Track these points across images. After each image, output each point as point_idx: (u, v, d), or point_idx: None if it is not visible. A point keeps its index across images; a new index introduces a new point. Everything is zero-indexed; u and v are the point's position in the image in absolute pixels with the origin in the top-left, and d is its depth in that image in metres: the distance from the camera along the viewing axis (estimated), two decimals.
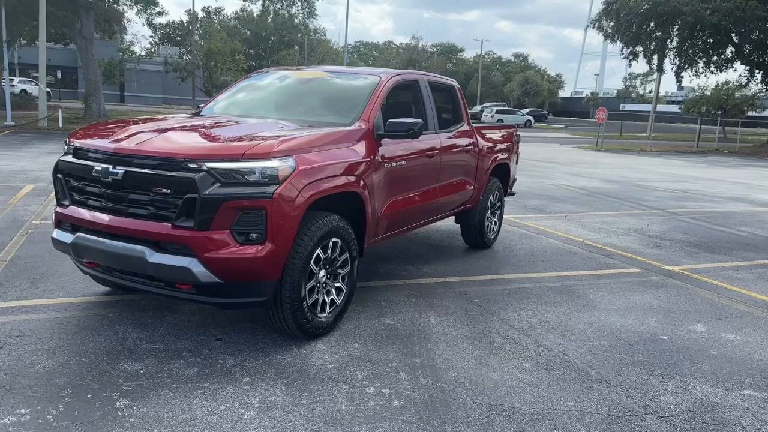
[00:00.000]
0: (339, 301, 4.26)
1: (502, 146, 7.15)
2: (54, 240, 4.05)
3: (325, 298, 4.13)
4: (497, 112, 51.39)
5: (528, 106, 70.43)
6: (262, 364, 3.66)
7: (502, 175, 7.33)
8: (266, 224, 3.54)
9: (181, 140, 3.83)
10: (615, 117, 51.16)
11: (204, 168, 3.48)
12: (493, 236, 7.16)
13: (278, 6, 26.29)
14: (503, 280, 5.84)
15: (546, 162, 19.66)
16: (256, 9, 42.61)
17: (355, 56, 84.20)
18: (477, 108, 58.02)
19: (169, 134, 3.93)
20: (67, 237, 3.92)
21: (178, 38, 60.62)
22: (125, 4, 32.70)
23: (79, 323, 4.14)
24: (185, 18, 60.80)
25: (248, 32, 58.15)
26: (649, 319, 4.90)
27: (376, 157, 4.56)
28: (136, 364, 3.57)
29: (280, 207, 3.56)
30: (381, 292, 5.19)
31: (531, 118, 53.14)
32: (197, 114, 5.32)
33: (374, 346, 4.05)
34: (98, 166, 3.70)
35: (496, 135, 7.10)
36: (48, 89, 45.59)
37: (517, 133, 7.80)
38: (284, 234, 3.62)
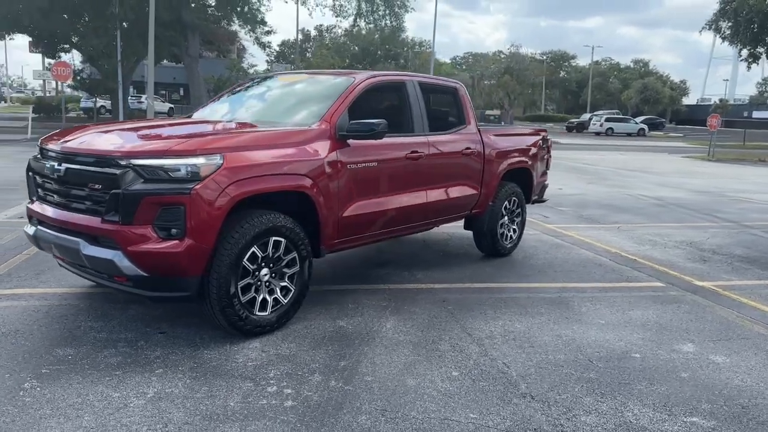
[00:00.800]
0: (285, 301, 4.26)
1: (520, 150, 6.82)
2: (25, 233, 4.40)
3: (267, 296, 4.14)
4: (607, 120, 49.02)
5: (647, 114, 66.43)
6: (184, 358, 3.74)
7: (523, 180, 6.99)
8: (185, 220, 3.62)
9: (119, 140, 4.03)
10: (742, 125, 47.15)
11: (129, 165, 3.64)
12: (509, 244, 6.83)
13: (368, 21, 26.85)
14: (496, 288, 5.56)
15: (637, 171, 18.49)
16: (364, 25, 43.98)
17: (463, 67, 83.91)
18: (586, 116, 55.66)
19: (114, 135, 4.15)
20: (31, 230, 4.25)
21: (292, 56, 63.56)
22: (236, 25, 35.00)
23: (48, 311, 4.45)
24: (300, 36, 63.86)
25: (356, 48, 59.93)
26: (632, 336, 4.46)
27: (336, 158, 4.52)
28: (70, 350, 3.78)
29: (199, 203, 3.64)
30: (356, 296, 5.12)
31: (645, 127, 50.13)
32: (179, 118, 5.57)
33: (309, 347, 4.00)
34: (48, 164, 3.99)
35: (511, 139, 6.80)
36: (171, 105, 49.84)
37: (545, 138, 7.42)
38: (205, 230, 3.69)
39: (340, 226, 4.65)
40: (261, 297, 4.11)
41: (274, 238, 4.09)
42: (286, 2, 52.68)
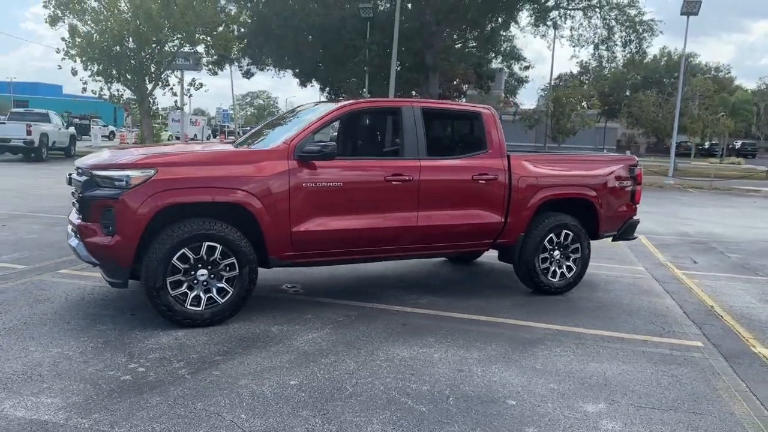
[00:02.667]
0: (221, 301, 4.81)
1: (575, 179, 6.24)
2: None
3: (201, 294, 4.75)
4: None
5: None
6: (118, 336, 4.52)
7: (583, 213, 6.35)
8: (115, 220, 4.48)
9: (106, 155, 5.07)
10: None
11: (91, 174, 4.65)
12: (560, 282, 6.24)
13: (604, 49, 25.25)
14: (476, 321, 5.26)
15: None
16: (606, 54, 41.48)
17: None
18: None
19: (112, 152, 5.22)
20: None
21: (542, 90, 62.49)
22: (499, 62, 36.27)
23: (38, 285, 5.67)
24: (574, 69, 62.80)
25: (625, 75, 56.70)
26: (545, 385, 3.94)
27: (290, 176, 4.94)
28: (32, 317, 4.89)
29: (125, 207, 4.45)
30: (330, 309, 5.38)
31: None
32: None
33: (214, 342, 4.45)
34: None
35: (559, 166, 6.27)
36: None
37: (630, 167, 6.60)
38: (130, 230, 4.48)
39: (293, 240, 5.02)
40: (194, 293, 4.72)
41: (207, 243, 4.69)
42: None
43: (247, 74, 38.37)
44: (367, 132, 5.99)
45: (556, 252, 6.23)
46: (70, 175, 5.16)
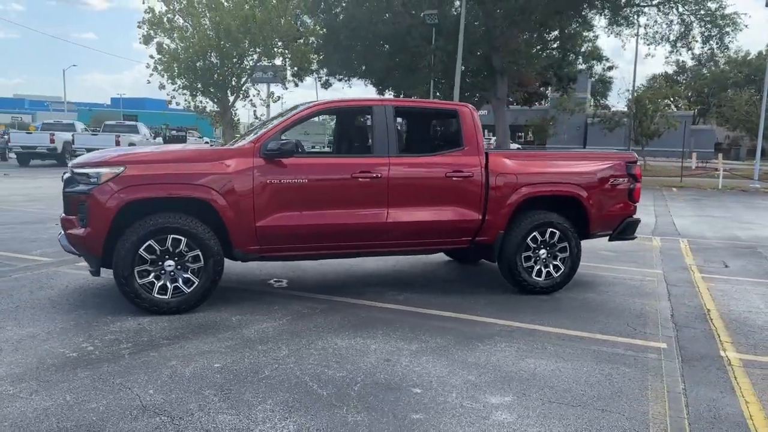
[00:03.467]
0: (187, 291, 5.12)
1: (560, 176, 6.10)
2: None
3: (168, 284, 5.09)
4: None
5: None
6: (90, 319, 4.92)
7: (572, 211, 6.19)
8: (87, 213, 4.91)
9: (91, 155, 5.53)
10: None
11: (73, 172, 5.12)
12: (546, 282, 6.10)
13: (681, 46, 23.67)
14: (439, 316, 5.27)
15: None
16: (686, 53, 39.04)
17: None
18: None
19: (100, 152, 5.68)
20: None
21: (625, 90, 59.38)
22: (579, 64, 35.32)
23: (50, 275, 6.21)
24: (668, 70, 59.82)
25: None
26: (462, 376, 3.93)
27: (254, 173, 5.20)
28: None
29: (95, 201, 4.87)
30: (299, 303, 5.57)
31: None
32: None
33: (169, 327, 4.74)
34: None
35: (542, 164, 6.14)
36: (518, 146, 52.35)
37: (627, 163, 6.37)
38: (99, 222, 4.88)
39: (259, 234, 5.26)
40: (161, 283, 5.07)
41: (172, 235, 5.02)
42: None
43: (326, 85, 39.53)
44: (338, 130, 6.14)
45: (542, 251, 6.10)
46: (64, 173, 5.68)
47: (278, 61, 32.50)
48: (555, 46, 35.85)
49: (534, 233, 6.03)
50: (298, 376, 3.86)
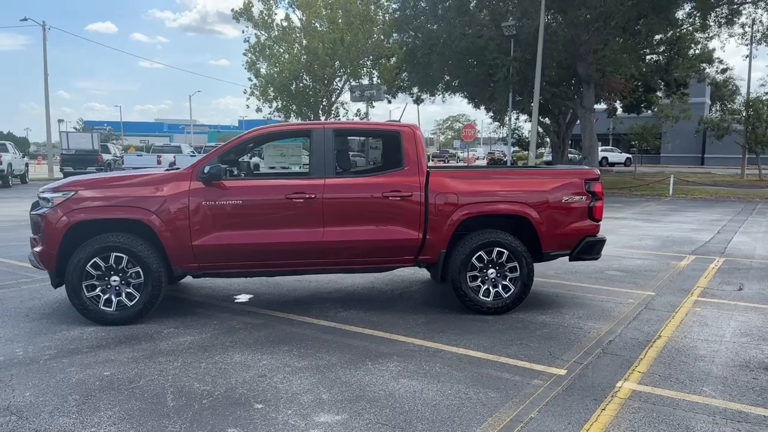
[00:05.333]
0: (130, 304, 5.62)
1: (507, 195, 5.97)
2: None
3: (113, 297, 5.61)
4: None
5: None
6: (47, 328, 5.55)
7: (522, 230, 6.04)
8: (42, 233, 5.55)
9: (59, 182, 6.20)
10: None
11: (38, 196, 5.81)
12: (496, 301, 5.97)
13: None
14: (358, 334, 5.35)
15: None
16: None
17: None
18: None
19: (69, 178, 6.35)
20: None
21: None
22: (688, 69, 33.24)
23: (49, 288, 6.92)
24: None
25: None
26: (318, 395, 4.04)
27: (189, 195, 5.61)
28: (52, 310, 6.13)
29: (47, 222, 5.50)
30: (240, 318, 5.90)
31: None
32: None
33: (103, 336, 5.26)
34: None
35: (486, 182, 6.03)
36: (629, 155, 49.60)
37: (586, 180, 6.11)
38: (51, 240, 5.50)
39: (196, 252, 5.66)
40: (107, 296, 5.60)
41: (115, 253, 5.55)
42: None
43: (418, 101, 40.04)
44: (274, 152, 6.40)
45: (491, 270, 5.99)
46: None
47: (365, 81, 33.49)
48: (661, 50, 33.94)
49: (479, 252, 5.94)
50: (164, 388, 4.14)
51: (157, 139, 72.01)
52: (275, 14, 31.47)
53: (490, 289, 6.00)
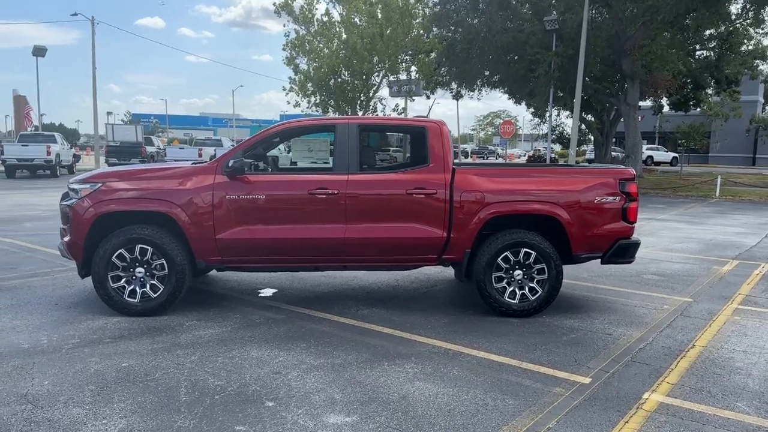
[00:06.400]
0: (154, 296, 5.66)
1: (537, 194, 5.78)
2: None
3: (137, 288, 5.66)
4: None
5: None
6: (74, 318, 5.64)
7: (551, 230, 5.86)
8: (71, 224, 5.64)
9: (90, 173, 6.28)
10: None
11: (68, 188, 5.90)
12: (522, 303, 5.79)
13: None
14: (378, 333, 5.27)
15: None
16: None
17: None
18: None
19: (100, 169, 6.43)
20: None
21: None
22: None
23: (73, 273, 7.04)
24: None
25: None
26: (331, 395, 3.97)
27: (214, 189, 5.62)
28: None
29: (74, 213, 5.58)
30: (261, 313, 5.88)
31: None
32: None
33: (127, 327, 5.31)
34: None
35: (515, 181, 5.85)
36: (676, 154, 48.14)
37: (620, 181, 5.87)
38: (77, 231, 5.58)
39: (219, 246, 5.66)
40: (131, 287, 5.65)
41: (140, 245, 5.59)
42: None
43: (457, 96, 39.68)
44: (302, 147, 6.35)
45: (517, 271, 5.82)
46: None
47: (403, 76, 33.33)
48: (712, 46, 32.73)
49: (506, 253, 5.78)
50: (179, 381, 4.14)
51: (201, 132, 73.38)
52: (316, 9, 31.52)
53: (516, 291, 5.84)
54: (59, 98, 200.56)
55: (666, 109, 39.83)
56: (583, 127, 36.66)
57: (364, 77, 33.48)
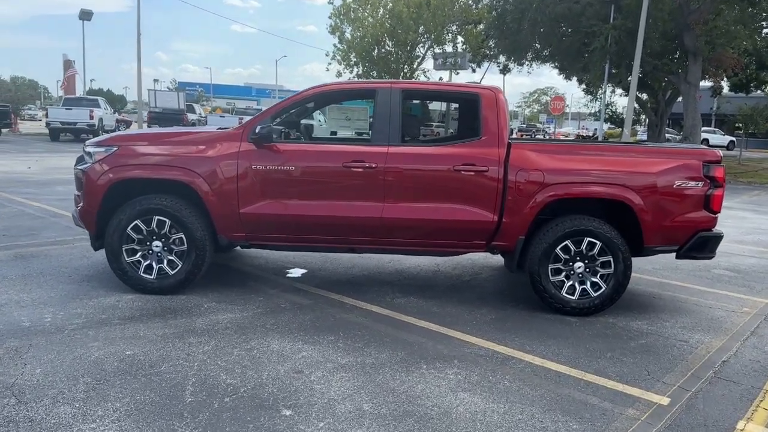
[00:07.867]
0: (171, 272, 5.14)
1: (604, 176, 5.02)
2: None
3: (154, 263, 5.16)
4: None
5: None
6: (84, 293, 5.17)
7: (621, 219, 5.10)
8: (84, 189, 5.14)
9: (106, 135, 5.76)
10: None
11: (83, 150, 5.40)
12: (582, 300, 5.08)
13: None
14: (416, 327, 4.65)
15: None
16: None
17: None
18: None
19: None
20: None
21: None
22: None
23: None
24: None
25: None
26: (359, 404, 3.38)
27: (240, 158, 5.03)
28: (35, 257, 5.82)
29: (88, 178, 5.08)
30: (287, 297, 5.32)
31: None
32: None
33: (139, 306, 4.81)
34: None
35: (580, 159, 5.09)
36: (733, 138, 45.78)
37: (704, 163, 5.07)
38: (91, 199, 5.08)
39: (243, 221, 5.10)
40: (147, 262, 5.15)
41: (157, 216, 5.07)
42: None
43: (505, 70, 38.32)
44: (338, 116, 5.68)
45: (578, 264, 5.10)
46: None
47: (449, 48, 32.20)
48: None
49: (566, 242, 5.05)
50: (186, 377, 3.61)
51: (245, 102, 73.45)
52: None
53: (576, 285, 5.12)
54: (108, 65, 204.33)
55: (725, 90, 37.65)
56: (637, 106, 34.95)
57: (408, 48, 32.51)
